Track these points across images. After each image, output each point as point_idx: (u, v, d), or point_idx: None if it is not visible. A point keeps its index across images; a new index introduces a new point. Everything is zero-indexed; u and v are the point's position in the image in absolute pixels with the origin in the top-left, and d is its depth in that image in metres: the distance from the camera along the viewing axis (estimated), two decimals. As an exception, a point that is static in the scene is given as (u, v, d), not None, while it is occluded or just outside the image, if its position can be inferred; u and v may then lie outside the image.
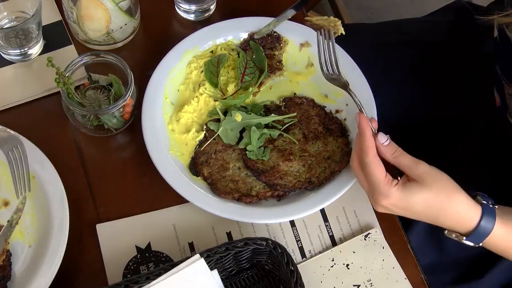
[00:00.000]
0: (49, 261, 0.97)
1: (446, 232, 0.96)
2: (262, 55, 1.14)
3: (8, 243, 0.97)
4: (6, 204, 1.04)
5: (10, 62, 1.17)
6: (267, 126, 1.10)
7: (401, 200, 0.92)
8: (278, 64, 1.17)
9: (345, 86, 1.04)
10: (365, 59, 1.16)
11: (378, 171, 0.93)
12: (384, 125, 1.02)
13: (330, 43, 1.06)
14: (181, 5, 1.23)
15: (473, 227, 0.92)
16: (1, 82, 1.15)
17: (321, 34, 1.06)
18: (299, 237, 1.06)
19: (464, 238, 0.94)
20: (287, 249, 0.96)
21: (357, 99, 1.01)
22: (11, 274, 0.98)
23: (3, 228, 0.96)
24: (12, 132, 1.01)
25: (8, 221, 0.95)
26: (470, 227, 0.93)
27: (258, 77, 1.14)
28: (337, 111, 1.13)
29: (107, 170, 1.11)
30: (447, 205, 0.91)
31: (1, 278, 0.96)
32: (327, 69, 1.06)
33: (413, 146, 0.99)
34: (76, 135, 1.13)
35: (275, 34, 1.18)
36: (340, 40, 1.17)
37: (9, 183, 1.04)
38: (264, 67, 1.14)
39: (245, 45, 1.17)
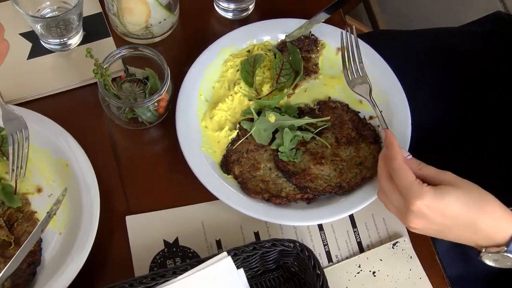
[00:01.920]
0: (78, 249, 0.98)
1: (483, 251, 0.93)
2: (299, 57, 1.14)
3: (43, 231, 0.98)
4: (39, 190, 1.06)
5: (49, 51, 1.19)
6: (300, 128, 1.10)
7: (435, 199, 0.89)
8: (314, 67, 1.16)
9: (367, 92, 1.06)
10: (399, 65, 1.16)
11: (409, 174, 0.92)
12: (416, 131, 1.02)
13: (354, 42, 1.07)
14: (220, 3, 1.24)
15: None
16: (40, 70, 1.17)
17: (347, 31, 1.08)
18: (326, 241, 1.06)
19: (505, 248, 0.90)
20: (314, 253, 0.96)
21: (378, 108, 1.04)
22: (41, 259, 0.99)
23: (41, 219, 0.97)
24: (19, 115, 1.01)
25: (47, 212, 0.96)
26: (509, 232, 0.90)
27: (294, 79, 1.14)
28: (371, 118, 1.13)
29: (139, 163, 1.12)
30: (482, 203, 0.89)
31: (31, 263, 0.97)
32: (352, 73, 1.09)
33: (443, 153, 0.99)
34: (111, 127, 1.15)
35: (312, 37, 1.18)
36: (376, 45, 1.17)
37: (43, 169, 1.06)
38: (300, 69, 1.14)
39: (282, 46, 1.17)
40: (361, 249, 1.06)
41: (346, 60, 1.11)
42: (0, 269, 0.97)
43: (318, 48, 1.18)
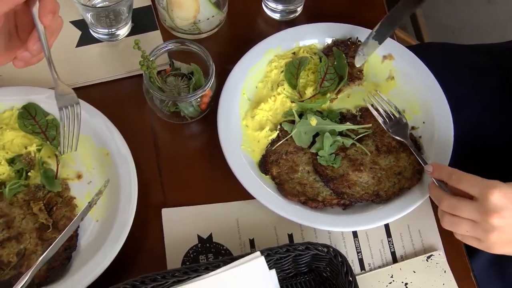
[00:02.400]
0: (113, 238, 0.99)
1: None
2: (344, 62, 1.14)
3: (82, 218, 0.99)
4: (79, 176, 1.07)
5: (97, 41, 1.20)
6: (340, 133, 1.10)
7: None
8: (358, 73, 1.16)
9: (405, 136, 1.08)
10: (448, 78, 1.15)
11: (473, 176, 0.92)
12: (462, 144, 1.00)
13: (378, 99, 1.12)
14: (268, 3, 1.24)
15: None
16: (87, 58, 1.19)
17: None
18: (360, 249, 1.06)
19: None
20: (347, 259, 0.95)
21: (419, 155, 1.05)
22: (77, 245, 1.01)
23: (82, 208, 0.98)
24: (71, 90, 1.01)
25: (88, 202, 0.97)
26: None
27: (337, 84, 1.13)
28: (412, 128, 1.12)
29: (178, 156, 1.13)
30: None
31: (67, 248, 0.99)
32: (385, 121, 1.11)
33: (488, 169, 0.98)
34: (152, 119, 1.15)
35: (359, 43, 1.17)
36: (425, 57, 1.16)
37: (84, 156, 1.07)
38: (344, 75, 1.13)
39: (328, 51, 1.17)
40: (395, 259, 1.05)
41: (376, 113, 1.12)
42: (37, 250, 0.99)
43: (364, 54, 1.17)
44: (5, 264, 0.97)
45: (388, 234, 1.07)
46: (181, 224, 1.06)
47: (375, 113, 1.11)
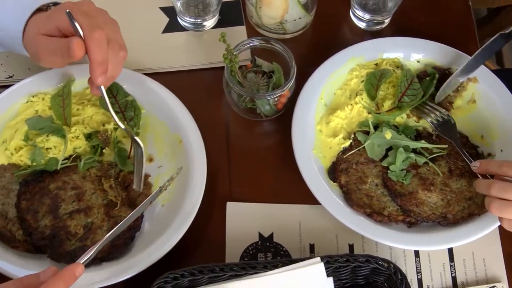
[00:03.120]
0: (177, 224, 1.01)
1: None
2: (434, 84, 1.12)
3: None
4: (150, 159, 1.09)
5: (183, 29, 1.23)
6: (414, 150, 1.08)
7: None
8: (447, 104, 1.14)
9: (453, 136, 1.09)
10: None
11: None
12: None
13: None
14: (356, 11, 1.24)
15: None
16: (172, 45, 1.21)
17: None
18: (420, 269, 1.04)
19: None
20: (407, 277, 0.94)
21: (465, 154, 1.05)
22: (141, 226, 1.03)
23: (153, 193, 1.00)
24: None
25: (160, 187, 0.99)
26: None
27: (418, 101, 1.12)
28: (489, 154, 1.10)
29: (248, 152, 1.14)
30: None
31: (132, 228, 1.01)
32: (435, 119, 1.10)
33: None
34: (227, 113, 1.17)
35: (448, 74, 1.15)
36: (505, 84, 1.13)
37: (158, 141, 1.10)
38: (427, 94, 1.12)
39: (424, 74, 1.15)
40: (455, 285, 1.03)
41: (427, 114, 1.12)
42: (103, 226, 1.01)
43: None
44: (72, 235, 0.99)
45: (451, 258, 1.05)
46: (244, 219, 1.06)
47: (424, 113, 1.11)
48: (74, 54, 0.92)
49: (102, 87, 0.97)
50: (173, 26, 1.22)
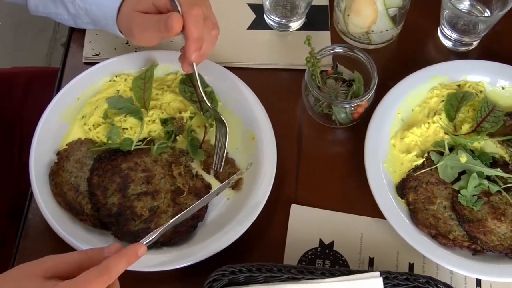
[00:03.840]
0: (240, 219, 1.01)
1: None
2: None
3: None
4: (221, 152, 1.11)
5: (268, 28, 1.23)
6: (488, 178, 1.06)
7: None
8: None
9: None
10: None
11: None
12: None
13: None
14: (444, 29, 1.22)
15: None
16: (255, 42, 1.22)
17: None
18: (480, 299, 1.02)
19: None
20: (466, 305, 0.92)
21: None
22: (205, 216, 1.04)
23: (221, 184, 1.03)
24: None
25: (228, 179, 1.01)
26: None
27: (498, 128, 1.09)
28: None
29: (318, 157, 1.13)
30: None
31: (195, 217, 1.02)
32: None
33: None
34: (302, 115, 1.17)
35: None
36: None
37: (231, 135, 1.10)
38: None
39: None
40: (514, 320, 1.00)
41: None
42: (168, 211, 1.02)
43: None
44: (137, 216, 1.01)
45: (514, 292, 1.02)
46: (307, 223, 1.06)
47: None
48: (173, 29, 0.94)
49: (194, 64, 1.00)
50: (258, 24, 1.23)
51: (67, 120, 1.09)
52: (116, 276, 0.80)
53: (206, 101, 1.04)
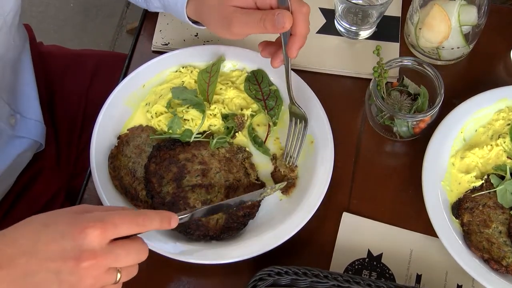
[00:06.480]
0: (291, 223, 1.02)
1: None
2: None
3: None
4: (281, 150, 1.10)
5: (337, 34, 1.23)
6: (548, 207, 1.04)
7: None
8: None
9: None
10: None
11: None
12: None
13: None
14: (517, 52, 1.19)
15: None
16: (323, 47, 1.22)
17: None
18: (527, 329, 0.99)
19: None
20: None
21: None
22: (255, 215, 1.04)
23: (270, 186, 1.05)
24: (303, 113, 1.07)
25: (284, 180, 1.04)
26: None
27: None
28: None
29: (374, 168, 1.12)
30: None
31: (246, 214, 1.02)
32: None
33: None
34: (363, 125, 1.16)
35: None
36: None
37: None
38: None
39: None
40: None
41: None
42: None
43: None
44: (190, 207, 1.02)
45: None
46: (357, 233, 1.05)
47: None
48: (284, 27, 0.96)
49: (290, 59, 1.01)
50: (328, 29, 1.23)
51: (130, 105, 1.11)
52: (145, 230, 0.81)
53: (293, 99, 1.05)
